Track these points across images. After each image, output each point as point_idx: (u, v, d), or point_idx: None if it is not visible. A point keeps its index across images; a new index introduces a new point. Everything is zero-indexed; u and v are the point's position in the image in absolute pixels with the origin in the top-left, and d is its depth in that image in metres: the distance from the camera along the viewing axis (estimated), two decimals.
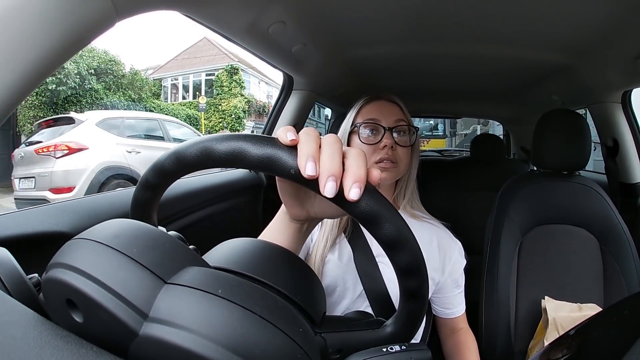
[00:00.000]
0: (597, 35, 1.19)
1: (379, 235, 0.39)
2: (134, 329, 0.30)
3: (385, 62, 1.73)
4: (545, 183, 1.34)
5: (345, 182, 0.37)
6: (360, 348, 0.45)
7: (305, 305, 0.45)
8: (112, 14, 0.62)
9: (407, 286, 0.43)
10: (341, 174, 0.38)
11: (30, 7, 0.51)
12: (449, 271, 1.07)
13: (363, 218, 0.39)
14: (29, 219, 0.78)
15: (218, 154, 0.39)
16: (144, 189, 0.48)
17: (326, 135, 0.41)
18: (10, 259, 0.41)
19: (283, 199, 0.53)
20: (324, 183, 0.37)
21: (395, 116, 1.04)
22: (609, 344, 0.39)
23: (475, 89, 2.23)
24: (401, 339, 0.46)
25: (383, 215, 0.38)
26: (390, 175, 1.02)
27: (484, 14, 1.16)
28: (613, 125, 1.65)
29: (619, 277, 1.19)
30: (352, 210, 0.38)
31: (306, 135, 0.39)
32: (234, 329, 0.31)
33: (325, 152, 0.38)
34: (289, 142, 0.38)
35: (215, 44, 19.11)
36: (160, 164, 0.45)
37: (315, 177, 0.37)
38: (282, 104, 1.83)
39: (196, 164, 0.41)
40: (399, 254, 0.41)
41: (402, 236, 0.40)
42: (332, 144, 0.39)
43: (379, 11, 1.17)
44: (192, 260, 0.37)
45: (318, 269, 0.98)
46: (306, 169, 0.36)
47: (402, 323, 0.47)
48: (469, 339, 1.12)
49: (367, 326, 0.50)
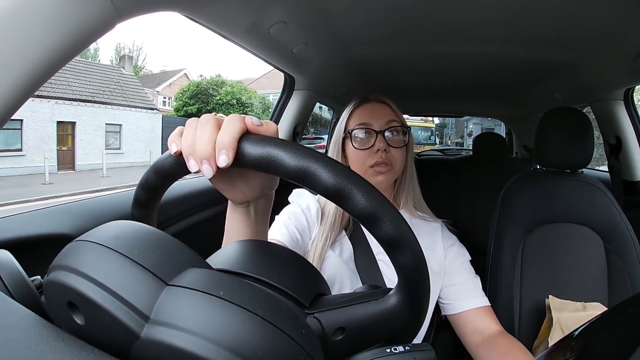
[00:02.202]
0: (599, 33, 1.19)
1: (377, 234, 0.39)
2: (136, 332, 0.30)
3: (386, 62, 1.73)
4: (548, 181, 1.33)
5: (216, 156, 0.40)
6: (364, 322, 0.44)
7: (287, 287, 0.43)
8: (112, 15, 0.62)
9: (406, 274, 0.42)
10: (213, 153, 0.41)
11: (31, 9, 0.51)
12: (450, 259, 1.07)
13: (361, 217, 0.39)
14: (30, 221, 0.79)
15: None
16: (144, 190, 0.48)
17: (201, 117, 0.44)
18: (12, 261, 0.41)
19: (215, 186, 0.53)
20: (202, 168, 0.41)
21: (386, 117, 1.04)
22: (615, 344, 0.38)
23: (477, 87, 2.23)
24: (409, 309, 0.44)
25: (381, 214, 0.38)
26: (387, 177, 1.02)
27: (486, 13, 1.16)
28: (616, 122, 1.65)
29: (623, 275, 1.19)
30: (352, 209, 0.38)
31: (186, 130, 0.43)
32: (236, 331, 0.30)
33: (196, 139, 0.42)
34: (173, 154, 0.43)
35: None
36: (160, 164, 0.45)
37: (198, 168, 0.41)
38: (284, 104, 1.83)
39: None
40: (398, 252, 0.40)
41: (401, 234, 0.39)
42: (206, 125, 0.42)
43: (380, 11, 1.17)
44: (193, 262, 0.36)
45: (317, 265, 0.98)
46: (190, 167, 0.42)
47: (407, 290, 0.44)
48: (516, 347, 0.92)
49: (369, 297, 0.46)
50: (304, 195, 1.09)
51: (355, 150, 1.03)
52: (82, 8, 0.56)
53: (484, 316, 1.00)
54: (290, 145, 0.39)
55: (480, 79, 2.01)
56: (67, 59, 0.57)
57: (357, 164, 1.03)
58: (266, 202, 0.58)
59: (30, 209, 0.85)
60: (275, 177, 0.53)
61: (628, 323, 0.40)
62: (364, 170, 1.02)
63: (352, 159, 1.05)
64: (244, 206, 0.55)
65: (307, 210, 1.06)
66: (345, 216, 1.04)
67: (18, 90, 0.51)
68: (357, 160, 1.03)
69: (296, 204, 1.07)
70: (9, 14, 0.50)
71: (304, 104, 1.85)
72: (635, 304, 0.43)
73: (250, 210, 0.56)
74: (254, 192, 0.53)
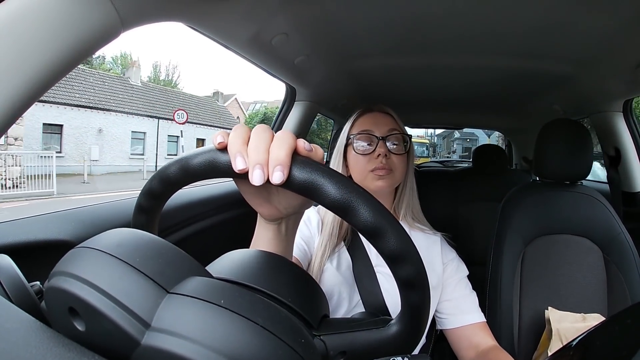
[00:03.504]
0: (598, 45, 1.20)
1: (381, 248, 0.39)
2: (136, 339, 0.30)
3: (387, 74, 1.74)
4: (547, 193, 1.33)
5: (269, 169, 0.39)
6: (365, 348, 0.44)
7: (299, 307, 0.43)
8: (117, 24, 0.63)
9: (409, 298, 0.43)
10: (267, 161, 0.39)
11: (36, 17, 0.52)
12: (448, 273, 1.07)
13: (366, 231, 0.39)
14: (31, 227, 0.79)
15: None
16: (147, 198, 0.49)
17: (256, 126, 0.43)
18: (12, 266, 0.41)
19: (248, 200, 0.52)
20: (252, 173, 0.39)
21: (388, 126, 1.05)
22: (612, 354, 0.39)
23: (477, 99, 2.24)
24: (408, 338, 0.45)
25: (385, 228, 0.39)
26: (387, 182, 1.02)
27: (486, 26, 1.17)
28: (615, 134, 1.66)
29: (623, 286, 1.18)
30: (356, 223, 0.39)
31: (233, 133, 0.42)
32: (236, 340, 0.30)
33: (251, 143, 0.41)
34: (218, 146, 0.41)
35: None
36: (165, 172, 0.45)
37: (246, 169, 0.39)
38: (285, 115, 1.84)
39: (200, 173, 0.43)
40: (401, 267, 0.41)
41: (404, 249, 0.40)
42: (259, 134, 0.41)
43: (381, 23, 1.18)
44: (194, 270, 0.37)
45: (316, 276, 0.98)
46: (236, 164, 0.39)
47: (408, 320, 0.45)
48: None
49: (372, 325, 0.47)
50: None
51: (356, 155, 1.04)
52: (88, 17, 0.57)
53: (479, 332, 1.01)
54: (337, 176, 0.39)
55: (480, 91, 2.02)
56: (72, 66, 0.58)
57: (357, 168, 1.04)
58: (297, 218, 0.58)
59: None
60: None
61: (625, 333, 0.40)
62: (365, 175, 1.02)
63: (353, 164, 1.06)
64: (276, 223, 0.54)
65: (308, 221, 1.07)
66: (344, 226, 1.05)
67: (23, 95, 0.52)
68: (357, 165, 1.04)
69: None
70: (15, 22, 0.51)
71: (305, 115, 1.86)
72: (633, 314, 0.43)
73: (281, 227, 0.55)
74: (288, 210, 0.52)
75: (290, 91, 1.77)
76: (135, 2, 0.64)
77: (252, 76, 73.23)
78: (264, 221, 0.55)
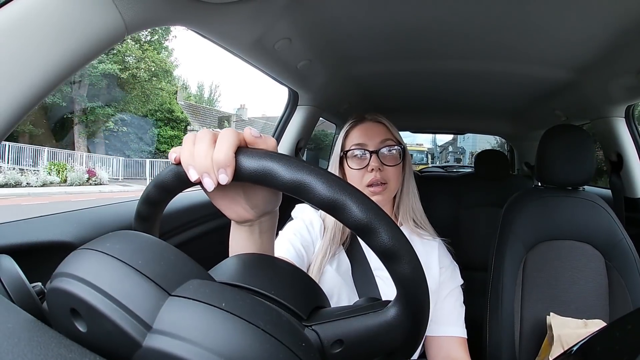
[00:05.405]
0: (600, 50, 1.20)
1: (373, 245, 0.39)
2: (137, 340, 0.30)
3: (389, 79, 1.75)
4: (549, 199, 1.33)
5: (216, 173, 0.41)
6: (363, 334, 0.43)
7: (284, 298, 0.43)
8: (121, 28, 0.63)
9: (405, 287, 0.42)
10: (212, 166, 0.41)
11: (42, 20, 0.53)
12: (443, 279, 1.07)
13: (357, 228, 0.39)
14: (33, 228, 0.79)
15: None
16: (145, 204, 0.49)
17: (198, 132, 0.44)
18: (14, 267, 0.41)
19: (216, 205, 0.52)
20: (202, 181, 0.42)
21: (380, 137, 1.06)
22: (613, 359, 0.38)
23: (479, 105, 2.24)
24: (409, 322, 0.43)
25: (375, 224, 0.38)
26: (383, 197, 1.04)
27: (487, 32, 1.17)
28: (617, 139, 1.65)
29: (625, 292, 1.18)
30: (347, 220, 0.39)
31: (183, 145, 0.44)
32: (237, 343, 0.30)
33: (195, 152, 0.42)
34: (173, 161, 0.44)
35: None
36: (161, 179, 0.46)
37: (199, 179, 0.42)
38: (287, 119, 1.84)
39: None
40: (395, 263, 0.40)
41: (397, 245, 0.39)
42: (201, 140, 0.43)
43: (383, 29, 1.19)
44: (196, 273, 0.37)
45: (315, 278, 0.98)
46: (190, 176, 0.42)
47: (407, 302, 0.43)
48: None
49: (368, 309, 0.45)
50: (306, 211, 1.09)
51: (350, 170, 1.05)
52: (93, 21, 0.58)
53: (459, 347, 1.00)
54: (286, 158, 0.40)
55: (482, 96, 2.02)
56: (76, 68, 0.58)
57: (354, 183, 1.04)
58: (270, 220, 0.56)
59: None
60: (278, 193, 0.52)
61: (626, 338, 0.40)
62: (361, 190, 1.01)
63: (349, 178, 1.06)
64: (247, 225, 0.54)
65: (311, 226, 1.06)
66: (345, 231, 1.05)
67: (29, 97, 0.53)
68: (353, 180, 1.05)
69: (299, 219, 1.08)
70: (21, 25, 0.51)
71: (307, 119, 1.86)
72: (634, 320, 0.43)
73: (254, 229, 0.54)
74: (256, 210, 0.52)
75: (293, 95, 1.77)
76: (139, 7, 0.65)
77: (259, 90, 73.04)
78: (236, 225, 0.55)
